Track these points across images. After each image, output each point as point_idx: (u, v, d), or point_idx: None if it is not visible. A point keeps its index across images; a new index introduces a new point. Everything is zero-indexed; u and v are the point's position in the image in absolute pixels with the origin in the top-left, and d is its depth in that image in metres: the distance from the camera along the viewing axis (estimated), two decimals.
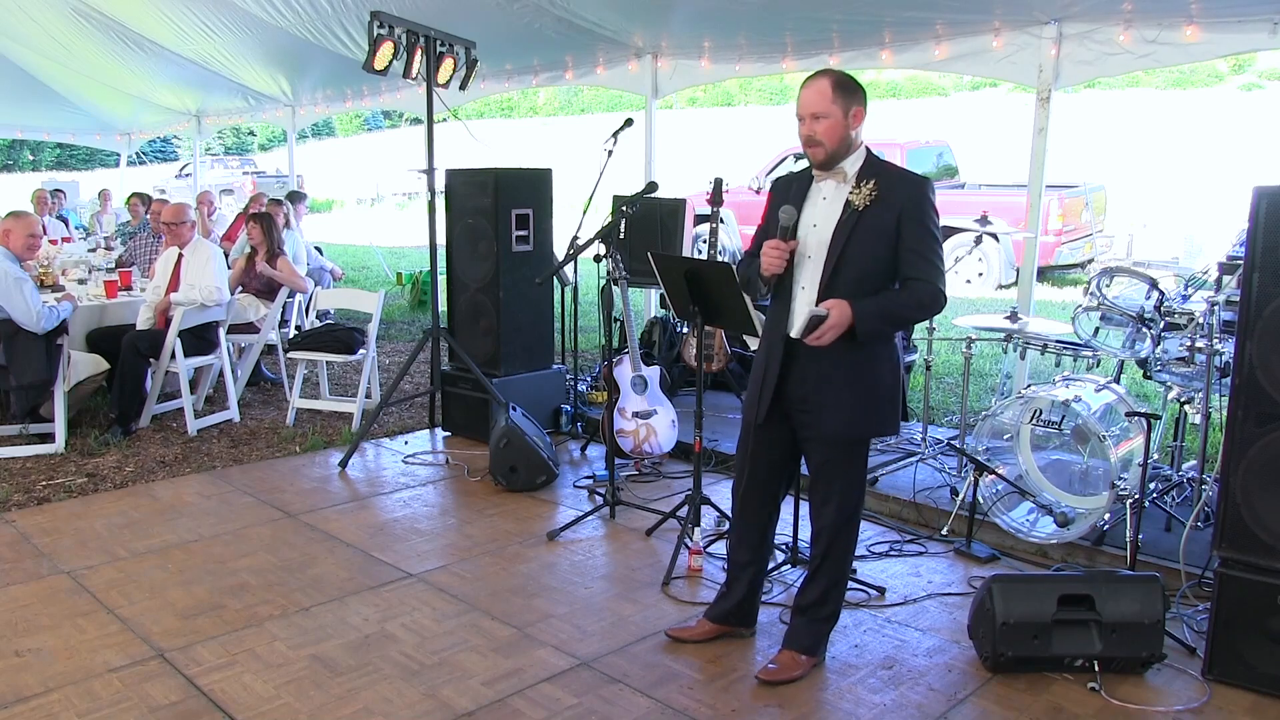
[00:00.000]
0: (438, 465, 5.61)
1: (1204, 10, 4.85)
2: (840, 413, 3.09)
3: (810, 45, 6.63)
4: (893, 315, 3.03)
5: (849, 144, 3.02)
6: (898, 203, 2.97)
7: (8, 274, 5.24)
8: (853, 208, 3.01)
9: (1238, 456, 3.16)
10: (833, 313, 2.94)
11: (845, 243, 3.00)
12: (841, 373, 3.06)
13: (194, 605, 3.78)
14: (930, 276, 2.98)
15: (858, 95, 3.00)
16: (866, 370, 3.07)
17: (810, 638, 3.31)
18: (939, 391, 6.82)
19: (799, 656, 3.28)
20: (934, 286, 2.98)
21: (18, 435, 5.75)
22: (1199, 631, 3.45)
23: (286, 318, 7.84)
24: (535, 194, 5.98)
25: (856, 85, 3.02)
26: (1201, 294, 4.39)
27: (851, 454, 3.19)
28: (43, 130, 15.66)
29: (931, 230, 3.01)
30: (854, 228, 3.00)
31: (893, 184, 3.00)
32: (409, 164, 7.41)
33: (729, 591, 3.50)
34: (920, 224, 2.99)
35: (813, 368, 3.09)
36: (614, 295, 5.03)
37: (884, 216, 2.98)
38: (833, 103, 2.97)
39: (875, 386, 3.08)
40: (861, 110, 3.01)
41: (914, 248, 2.97)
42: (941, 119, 25.92)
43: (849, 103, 2.99)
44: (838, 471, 3.18)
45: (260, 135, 40.43)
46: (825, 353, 3.02)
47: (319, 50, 8.89)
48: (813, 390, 3.11)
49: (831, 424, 3.11)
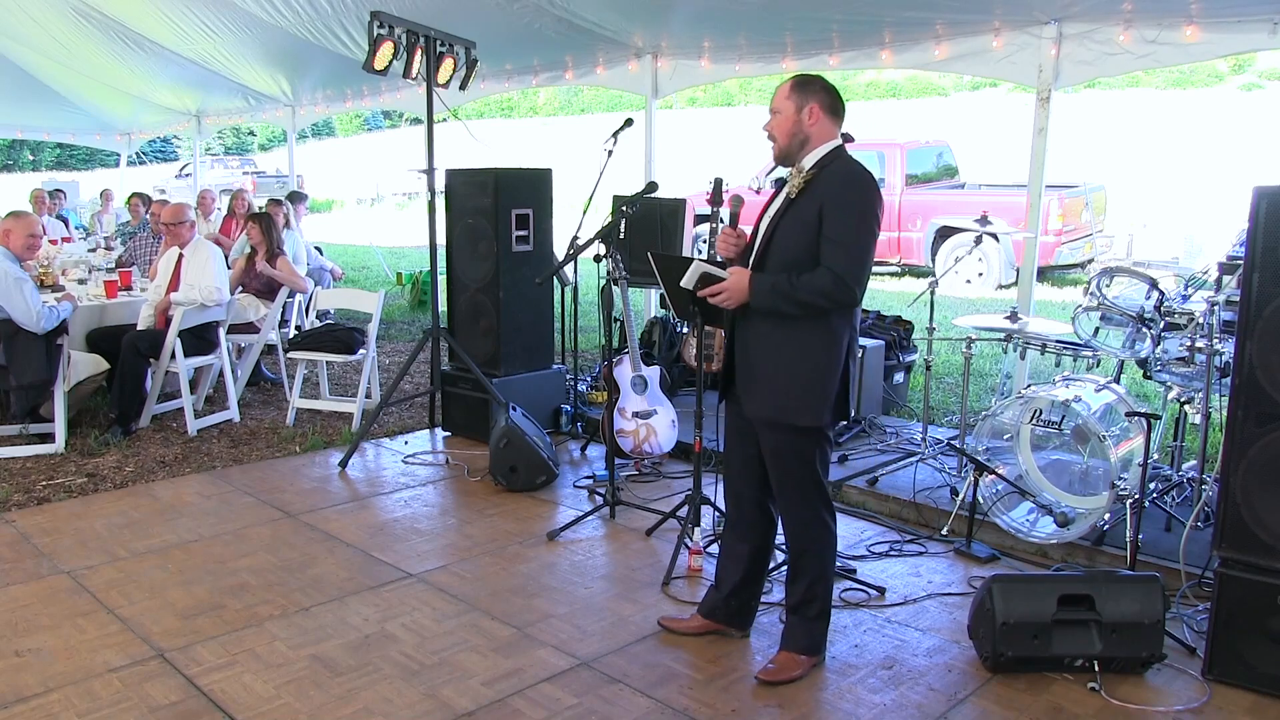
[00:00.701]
0: (438, 465, 5.60)
1: (1204, 10, 4.85)
2: (763, 395, 3.15)
3: (810, 45, 6.63)
4: (789, 294, 2.99)
5: (802, 139, 3.09)
6: (823, 194, 3.02)
7: (8, 274, 5.24)
8: (788, 198, 3.10)
9: (1238, 456, 3.16)
10: (731, 278, 3.07)
11: (774, 230, 3.10)
12: (770, 356, 3.12)
13: (194, 605, 3.78)
14: (838, 265, 2.96)
15: (814, 94, 3.07)
16: (795, 356, 3.08)
17: (805, 637, 3.31)
18: (939, 391, 6.83)
19: (797, 656, 3.29)
20: (838, 274, 2.95)
21: (18, 435, 5.75)
22: (1199, 631, 3.45)
23: (286, 318, 7.84)
24: (535, 194, 5.98)
25: (816, 85, 3.09)
26: (1201, 294, 4.39)
27: (785, 441, 3.16)
28: (43, 130, 15.67)
29: (850, 222, 2.98)
30: (783, 216, 3.10)
31: (827, 178, 3.04)
32: (409, 164, 7.42)
33: (717, 584, 3.51)
34: (839, 215, 2.98)
35: (750, 350, 3.17)
36: (614, 295, 5.03)
37: (809, 207, 3.03)
38: (787, 99, 3.09)
39: (800, 373, 3.07)
40: (817, 108, 3.06)
41: (829, 236, 2.98)
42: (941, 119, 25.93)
43: (803, 100, 3.07)
44: (776, 460, 3.20)
45: (260, 135, 40.44)
46: (759, 336, 3.12)
47: (319, 50, 8.90)
48: (746, 372, 3.19)
49: (754, 406, 3.18)
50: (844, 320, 3.09)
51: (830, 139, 3.10)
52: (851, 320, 3.12)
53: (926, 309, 5.51)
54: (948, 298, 10.75)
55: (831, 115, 3.09)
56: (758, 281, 3.04)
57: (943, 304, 9.15)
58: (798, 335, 3.07)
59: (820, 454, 3.19)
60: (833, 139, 3.10)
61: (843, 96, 3.15)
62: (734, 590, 3.48)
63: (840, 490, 4.97)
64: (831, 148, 3.09)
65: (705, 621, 3.53)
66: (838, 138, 3.12)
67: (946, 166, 14.05)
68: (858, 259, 2.98)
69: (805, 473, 3.18)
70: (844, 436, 5.59)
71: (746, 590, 3.49)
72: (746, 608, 3.53)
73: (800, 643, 3.30)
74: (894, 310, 6.97)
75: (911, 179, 13.03)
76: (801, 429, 3.12)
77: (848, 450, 5.43)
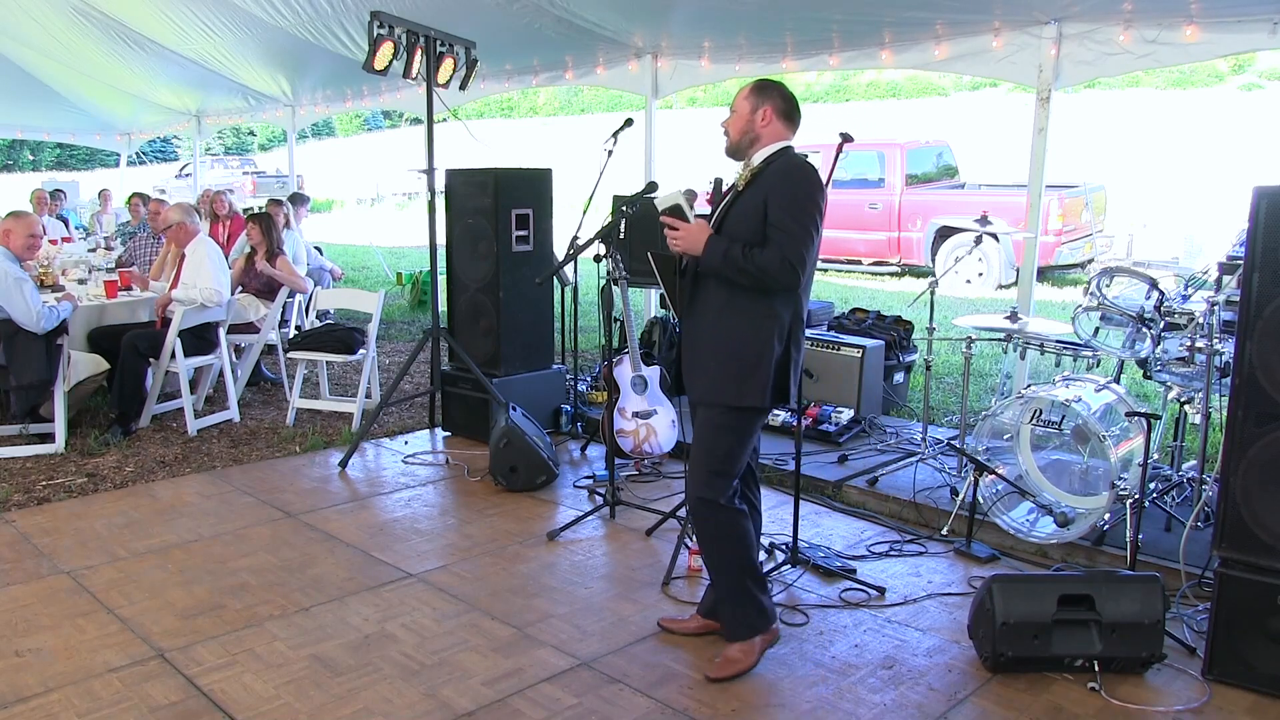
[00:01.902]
0: (438, 465, 5.60)
1: (1204, 10, 4.85)
2: (700, 375, 3.23)
3: (810, 45, 6.63)
4: (735, 262, 3.06)
5: (753, 138, 3.21)
6: (768, 185, 3.12)
7: (8, 274, 5.24)
8: (735, 189, 3.22)
9: (1238, 456, 3.16)
10: (694, 225, 3.16)
11: (722, 220, 3.21)
12: (709, 338, 3.20)
13: (194, 605, 3.78)
14: (782, 247, 3.03)
15: (770, 98, 3.19)
16: (734, 339, 3.15)
17: (733, 622, 3.33)
18: (939, 391, 6.83)
19: (736, 645, 3.32)
20: (782, 255, 3.02)
21: (18, 435, 5.75)
22: (1199, 631, 3.45)
23: (286, 318, 7.84)
24: (535, 194, 5.98)
25: (774, 90, 3.21)
26: (1201, 294, 4.39)
27: (711, 417, 3.21)
28: (43, 130, 15.67)
29: (793, 211, 3.06)
30: (731, 205, 3.21)
31: (773, 172, 3.14)
32: (409, 164, 7.42)
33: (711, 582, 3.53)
34: (782, 203, 3.07)
35: (696, 336, 3.25)
36: (614, 295, 5.03)
37: (755, 197, 3.13)
38: (745, 99, 3.23)
39: (736, 355, 3.13)
40: (770, 111, 3.18)
41: (774, 222, 3.07)
42: (941, 119, 25.93)
43: (759, 102, 3.20)
44: (698, 435, 3.27)
45: (260, 135, 40.44)
46: (702, 318, 3.22)
47: (319, 50, 8.90)
48: (691, 358, 3.27)
49: (692, 386, 3.28)
50: (787, 308, 3.15)
51: (780, 140, 3.21)
52: (796, 309, 3.17)
53: (926, 309, 5.51)
54: (948, 298, 10.75)
55: (784, 119, 3.21)
56: (714, 241, 3.13)
57: (943, 304, 9.16)
58: (742, 321, 3.14)
59: (739, 437, 3.21)
60: (783, 140, 3.21)
61: (799, 106, 3.26)
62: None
63: (840, 490, 4.98)
64: (780, 147, 3.20)
65: (705, 621, 3.54)
66: (788, 140, 3.22)
67: (946, 166, 14.05)
68: (801, 243, 3.05)
69: (718, 449, 3.21)
70: (844, 437, 5.60)
71: None
72: None
73: (733, 631, 3.33)
74: (894, 310, 6.97)
75: (911, 179, 13.04)
76: (731, 408, 3.17)
77: (848, 450, 5.43)
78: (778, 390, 3.17)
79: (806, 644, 3.51)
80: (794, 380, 3.24)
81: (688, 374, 3.31)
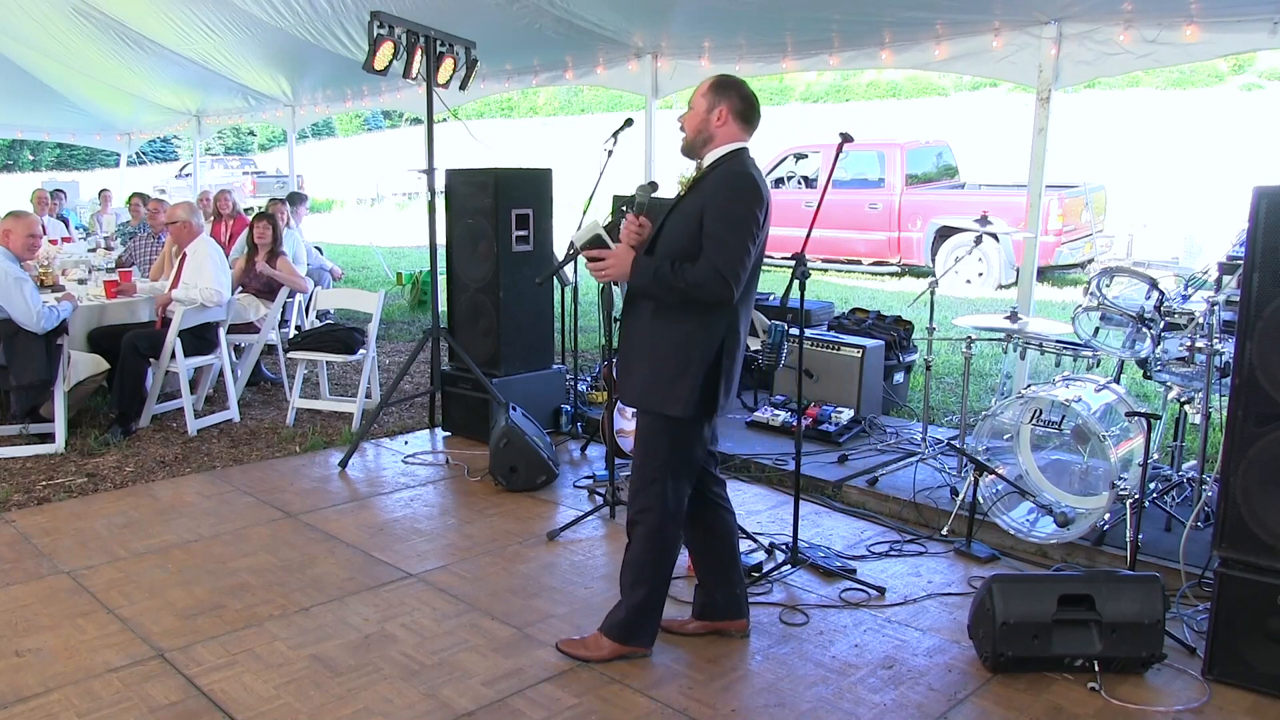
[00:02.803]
0: (438, 465, 5.60)
1: (1204, 10, 4.85)
2: (630, 379, 3.22)
3: (810, 45, 6.63)
4: (664, 280, 3.01)
5: (707, 137, 3.15)
6: (707, 193, 3.07)
7: (8, 274, 5.24)
8: (678, 195, 3.19)
9: (1238, 456, 3.16)
10: (617, 251, 3.15)
11: (663, 225, 3.17)
12: (641, 344, 3.18)
13: (194, 605, 3.78)
14: (714, 260, 2.98)
15: (728, 97, 3.12)
16: (664, 344, 3.12)
17: (615, 618, 3.33)
18: (939, 391, 6.82)
19: (601, 638, 3.34)
20: (713, 269, 2.96)
21: (18, 435, 5.75)
22: (1199, 631, 3.45)
23: (286, 318, 7.84)
24: (535, 194, 5.98)
25: (733, 90, 3.14)
26: (1201, 294, 4.39)
27: (648, 424, 3.22)
28: (43, 130, 15.67)
29: (728, 221, 3.00)
30: (672, 210, 3.17)
31: (714, 178, 3.09)
32: (409, 164, 7.42)
33: (700, 583, 3.55)
34: (717, 214, 3.01)
35: (630, 341, 3.25)
36: (614, 295, 5.02)
37: (693, 204, 3.08)
38: (702, 96, 3.16)
39: (667, 362, 3.10)
40: (726, 110, 3.11)
41: (709, 232, 3.01)
42: (941, 119, 25.93)
43: (716, 100, 3.13)
44: (637, 442, 3.28)
45: (260, 135, 40.44)
46: (635, 325, 3.20)
47: (319, 50, 8.90)
48: (624, 362, 3.26)
49: (624, 389, 3.27)
50: (720, 319, 3.11)
51: (734, 141, 3.14)
52: (733, 319, 3.13)
53: (926, 309, 5.51)
54: (948, 298, 10.75)
55: (740, 121, 3.13)
56: (643, 263, 3.09)
57: (943, 304, 9.16)
58: (675, 329, 3.11)
59: (673, 443, 3.19)
60: (737, 141, 3.14)
61: (758, 107, 3.18)
62: (715, 583, 3.48)
63: (840, 490, 4.98)
64: (732, 150, 3.13)
65: (701, 623, 3.54)
66: (744, 142, 3.16)
67: (946, 166, 14.05)
68: (735, 257, 2.98)
69: (657, 455, 3.20)
70: (844, 437, 5.60)
71: (725, 579, 3.49)
72: (732, 597, 3.51)
73: (610, 623, 3.34)
74: (894, 310, 6.98)
75: (911, 179, 13.04)
76: (665, 417, 3.16)
77: (848, 450, 5.43)
78: (706, 400, 3.12)
79: (806, 644, 3.51)
80: (724, 391, 3.16)
81: (620, 377, 3.30)
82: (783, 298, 4.39)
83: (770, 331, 4.06)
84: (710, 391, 3.12)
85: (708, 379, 3.11)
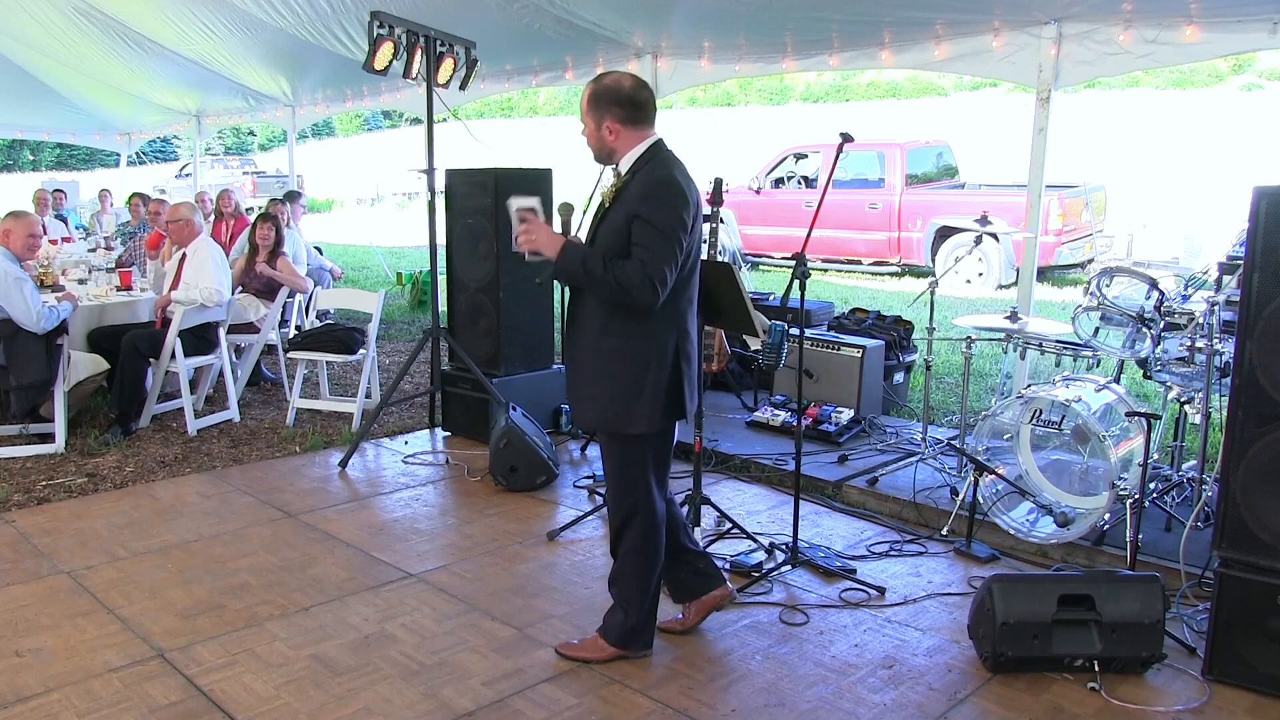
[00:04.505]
0: (438, 465, 5.60)
1: (1204, 10, 4.85)
2: (584, 402, 3.21)
3: (810, 45, 6.63)
4: (592, 271, 2.98)
5: (608, 150, 3.11)
6: (629, 203, 3.02)
7: (8, 274, 5.24)
8: (603, 205, 3.14)
9: (1238, 456, 3.16)
10: (548, 229, 3.13)
11: (594, 235, 3.16)
12: (589, 363, 3.15)
13: (194, 605, 3.78)
14: (645, 265, 2.95)
15: (607, 109, 3.05)
16: (614, 363, 3.09)
17: (610, 622, 3.37)
18: (939, 391, 6.82)
19: (600, 641, 3.36)
20: (644, 271, 2.94)
21: (18, 435, 5.75)
22: (1199, 631, 3.45)
23: (286, 318, 7.84)
24: (535, 194, 5.95)
25: (608, 98, 3.05)
26: (1201, 294, 4.39)
27: (611, 444, 3.23)
28: (43, 130, 15.67)
29: (654, 228, 2.96)
30: (600, 222, 3.15)
31: (636, 186, 3.04)
32: (409, 164, 7.41)
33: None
34: (644, 223, 2.97)
35: (573, 357, 3.24)
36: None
37: (619, 215, 3.05)
38: (586, 114, 3.11)
39: (618, 380, 3.08)
40: (614, 122, 3.05)
41: (637, 241, 2.99)
42: (941, 119, 25.95)
43: (599, 115, 3.07)
44: (604, 460, 3.29)
45: (260, 135, 40.46)
46: (581, 340, 3.17)
47: (319, 50, 8.90)
48: (573, 384, 3.25)
49: (580, 414, 3.27)
50: (669, 327, 3.09)
51: (639, 143, 3.08)
52: (679, 324, 3.12)
53: (926, 309, 5.51)
54: (948, 298, 10.75)
55: (631, 125, 3.06)
56: (573, 247, 3.05)
57: (943, 304, 9.15)
58: (620, 344, 3.07)
59: (643, 459, 3.18)
60: (643, 141, 3.08)
61: (643, 97, 3.07)
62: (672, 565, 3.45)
63: (840, 490, 4.98)
64: (642, 151, 3.07)
65: (689, 604, 3.54)
66: (649, 138, 3.09)
67: (946, 166, 14.06)
68: (663, 260, 2.96)
69: (625, 475, 3.21)
70: (844, 437, 5.60)
71: (682, 557, 3.48)
72: (696, 571, 3.52)
73: (607, 628, 3.37)
74: (894, 310, 6.98)
75: (911, 179, 13.04)
76: (628, 436, 3.14)
77: (848, 450, 5.43)
78: (670, 410, 3.12)
79: (806, 644, 3.51)
80: (688, 394, 3.15)
81: (574, 403, 3.27)
82: (783, 298, 4.40)
83: (770, 331, 4.06)
84: (675, 399, 3.12)
85: (669, 389, 3.10)
